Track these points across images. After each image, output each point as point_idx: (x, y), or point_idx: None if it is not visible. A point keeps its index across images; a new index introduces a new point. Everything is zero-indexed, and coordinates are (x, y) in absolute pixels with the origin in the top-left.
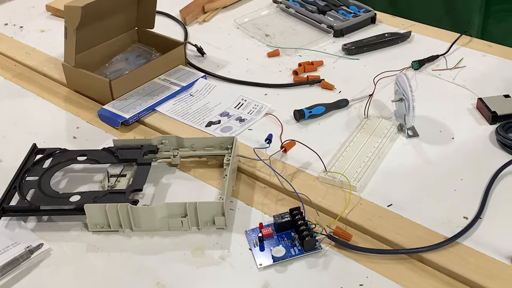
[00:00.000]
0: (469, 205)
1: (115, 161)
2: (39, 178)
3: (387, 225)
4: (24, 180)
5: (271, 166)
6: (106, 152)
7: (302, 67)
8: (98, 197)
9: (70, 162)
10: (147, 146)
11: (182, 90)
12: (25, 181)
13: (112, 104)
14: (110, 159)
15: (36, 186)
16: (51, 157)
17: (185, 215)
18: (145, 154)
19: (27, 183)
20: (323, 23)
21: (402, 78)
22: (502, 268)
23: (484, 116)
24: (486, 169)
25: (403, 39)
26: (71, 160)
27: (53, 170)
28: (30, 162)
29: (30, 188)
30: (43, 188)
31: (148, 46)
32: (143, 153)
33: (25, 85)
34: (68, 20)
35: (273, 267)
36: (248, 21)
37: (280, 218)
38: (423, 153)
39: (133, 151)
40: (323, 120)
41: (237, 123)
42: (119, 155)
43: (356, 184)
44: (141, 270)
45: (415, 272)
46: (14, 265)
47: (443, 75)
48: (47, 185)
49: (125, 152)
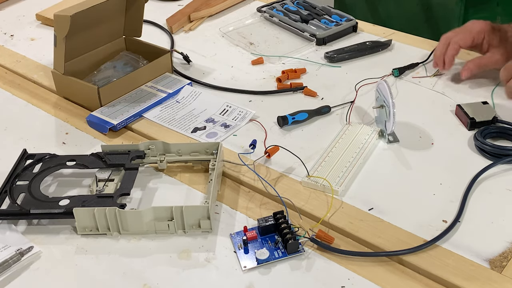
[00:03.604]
0: (448, 209)
1: (103, 166)
2: (29, 183)
3: (368, 228)
4: (15, 184)
5: (255, 171)
6: (94, 157)
7: (286, 74)
8: (86, 201)
9: (60, 167)
10: (135, 152)
11: (168, 97)
12: (16, 186)
13: (100, 110)
14: (98, 164)
15: (26, 190)
16: (41, 162)
17: (172, 219)
18: (132, 159)
19: (17, 188)
20: (306, 32)
21: (383, 85)
22: (481, 270)
23: (462, 122)
24: (465, 174)
25: (384, 47)
26: (60, 165)
27: (43, 175)
28: (20, 167)
29: (20, 192)
30: (33, 192)
31: (136, 54)
32: (131, 158)
33: (15, 92)
34: (58, 28)
35: (257, 269)
36: (232, 30)
37: (264, 221)
38: (403, 158)
39: (121, 156)
40: (306, 126)
41: (222, 129)
42: (107, 160)
43: (338, 188)
44: (128, 273)
45: (396, 274)
46: (4, 267)
47: (423, 82)
48: (37, 190)
49: (113, 157)
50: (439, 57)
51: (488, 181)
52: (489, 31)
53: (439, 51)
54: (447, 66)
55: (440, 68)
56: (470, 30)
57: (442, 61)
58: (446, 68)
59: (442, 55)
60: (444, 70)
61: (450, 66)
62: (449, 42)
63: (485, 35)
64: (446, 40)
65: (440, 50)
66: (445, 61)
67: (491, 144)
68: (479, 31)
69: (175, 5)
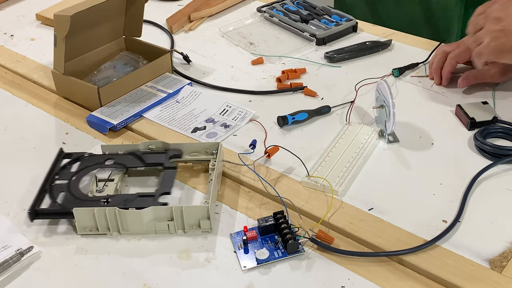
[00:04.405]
0: (448, 209)
1: (141, 165)
2: (68, 182)
3: (368, 228)
4: (54, 183)
5: (255, 171)
6: (132, 156)
7: (286, 74)
8: (128, 200)
9: (98, 166)
10: (172, 151)
11: (168, 97)
12: (55, 185)
13: (100, 110)
14: (136, 163)
15: (66, 189)
16: (78, 161)
17: (172, 219)
18: (170, 158)
19: (56, 187)
20: (306, 32)
21: (383, 85)
22: (481, 270)
23: (462, 122)
24: (465, 174)
25: (384, 47)
26: (98, 164)
27: (82, 174)
28: (58, 166)
29: (60, 191)
30: (73, 191)
31: (136, 54)
32: (169, 157)
33: (15, 92)
34: (57, 28)
35: (257, 269)
36: (232, 30)
37: (264, 221)
38: (403, 158)
39: (158, 155)
40: (306, 126)
41: (222, 129)
42: (145, 159)
43: (338, 188)
44: (128, 273)
45: (395, 274)
46: (4, 267)
47: (423, 82)
48: (76, 189)
49: (150, 156)
50: (435, 71)
51: (488, 181)
52: None
53: (436, 65)
54: (444, 83)
55: (437, 83)
56: (469, 47)
57: (438, 76)
58: (443, 84)
59: (439, 69)
60: (440, 85)
61: (447, 82)
62: (446, 56)
63: None
64: (444, 54)
65: (437, 64)
66: (443, 77)
67: (491, 144)
68: None
69: (175, 5)
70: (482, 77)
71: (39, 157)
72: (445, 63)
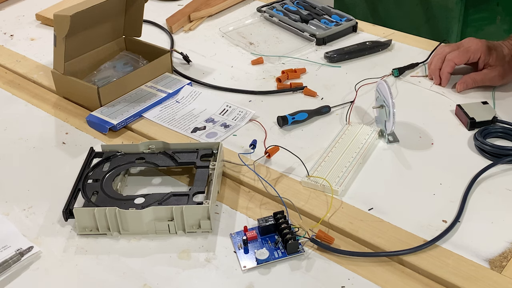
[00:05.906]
0: (448, 209)
1: (173, 164)
2: (101, 181)
3: (368, 228)
4: (87, 182)
5: (255, 171)
6: (164, 155)
7: (285, 74)
8: (162, 199)
9: (129, 165)
10: (203, 150)
11: (168, 97)
12: (88, 184)
13: (100, 110)
14: (168, 162)
15: (99, 188)
16: (109, 160)
17: (172, 219)
18: (201, 157)
19: (89, 186)
20: (306, 32)
21: (382, 85)
22: (480, 270)
23: (462, 122)
24: (465, 174)
25: (384, 47)
26: (130, 163)
27: (114, 173)
28: (89, 165)
29: (93, 190)
30: (106, 190)
31: (135, 54)
32: (200, 157)
33: (15, 92)
34: (57, 28)
35: (257, 269)
36: (232, 30)
37: (264, 221)
38: (403, 158)
39: (190, 154)
40: (306, 126)
41: (222, 129)
42: (177, 158)
43: (338, 188)
44: (128, 273)
45: (396, 274)
46: (4, 267)
47: (423, 82)
48: (109, 188)
49: (182, 155)
50: (434, 72)
51: (488, 181)
52: (485, 51)
53: (434, 66)
54: (443, 84)
55: (436, 83)
56: (467, 49)
57: (438, 77)
58: (442, 85)
59: (437, 70)
60: (440, 86)
61: (446, 83)
62: (443, 57)
63: (482, 54)
64: (442, 54)
65: (435, 65)
66: (441, 78)
67: (491, 144)
68: (475, 51)
69: (175, 5)
70: (481, 80)
71: (39, 157)
72: (443, 64)
